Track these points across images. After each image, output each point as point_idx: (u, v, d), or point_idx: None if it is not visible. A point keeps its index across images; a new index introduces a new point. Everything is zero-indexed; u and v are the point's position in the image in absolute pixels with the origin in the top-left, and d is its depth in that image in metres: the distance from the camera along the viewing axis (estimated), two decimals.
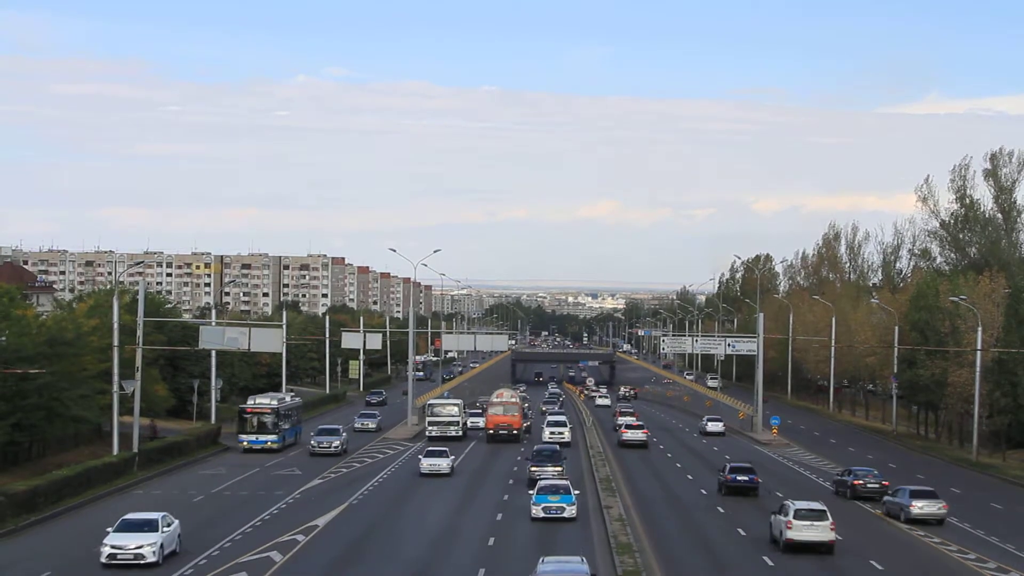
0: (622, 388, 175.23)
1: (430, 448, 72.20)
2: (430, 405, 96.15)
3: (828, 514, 48.22)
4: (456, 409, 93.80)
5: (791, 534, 47.49)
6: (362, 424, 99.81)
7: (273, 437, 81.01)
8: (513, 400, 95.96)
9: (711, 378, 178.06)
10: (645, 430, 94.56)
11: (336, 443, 79.95)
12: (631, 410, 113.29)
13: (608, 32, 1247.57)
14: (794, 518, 47.76)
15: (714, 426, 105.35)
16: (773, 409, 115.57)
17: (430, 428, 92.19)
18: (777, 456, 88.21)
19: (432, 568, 43.81)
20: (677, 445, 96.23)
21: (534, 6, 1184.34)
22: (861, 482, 63.54)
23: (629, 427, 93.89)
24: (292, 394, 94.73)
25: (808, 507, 48.87)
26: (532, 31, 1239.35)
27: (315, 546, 47.04)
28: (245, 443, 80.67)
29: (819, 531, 47.51)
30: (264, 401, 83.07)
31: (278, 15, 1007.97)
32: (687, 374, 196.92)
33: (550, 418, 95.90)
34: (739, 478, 64.61)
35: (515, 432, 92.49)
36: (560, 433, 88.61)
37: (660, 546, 48.21)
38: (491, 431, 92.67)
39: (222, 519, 53.36)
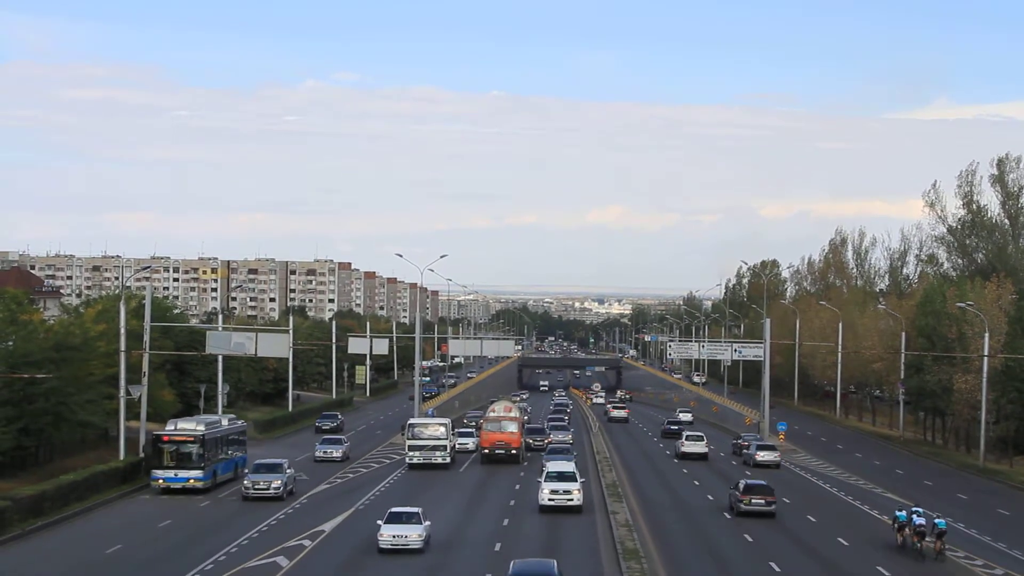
0: (619, 392, 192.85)
1: (394, 510, 49.03)
2: (410, 426, 79.35)
3: (705, 438, 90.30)
4: (443, 429, 78.09)
5: (682, 449, 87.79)
6: (324, 452, 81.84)
7: (197, 473, 63.09)
8: (512, 415, 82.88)
9: (696, 375, 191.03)
10: (627, 410, 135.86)
11: (276, 483, 61.45)
12: (617, 399, 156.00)
13: (616, 38, 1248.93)
14: (685, 440, 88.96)
15: (684, 416, 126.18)
16: (780, 415, 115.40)
17: (411, 454, 76.93)
18: (784, 462, 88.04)
19: (441, 571, 43.78)
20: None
21: (542, 11, 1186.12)
22: (745, 443, 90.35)
23: (615, 408, 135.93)
24: (232, 416, 75.24)
25: (694, 433, 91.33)
26: (540, 36, 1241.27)
27: (322, 551, 47.04)
28: (160, 481, 62.88)
29: (699, 446, 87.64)
30: (188, 426, 64.75)
31: (288, 20, 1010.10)
32: (675, 373, 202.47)
33: (550, 467, 61.38)
34: (671, 427, 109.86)
35: (514, 451, 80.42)
36: (566, 495, 57.53)
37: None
38: (487, 451, 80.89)
39: (229, 523, 53.42)
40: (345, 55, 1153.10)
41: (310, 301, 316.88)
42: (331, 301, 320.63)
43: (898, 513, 50.09)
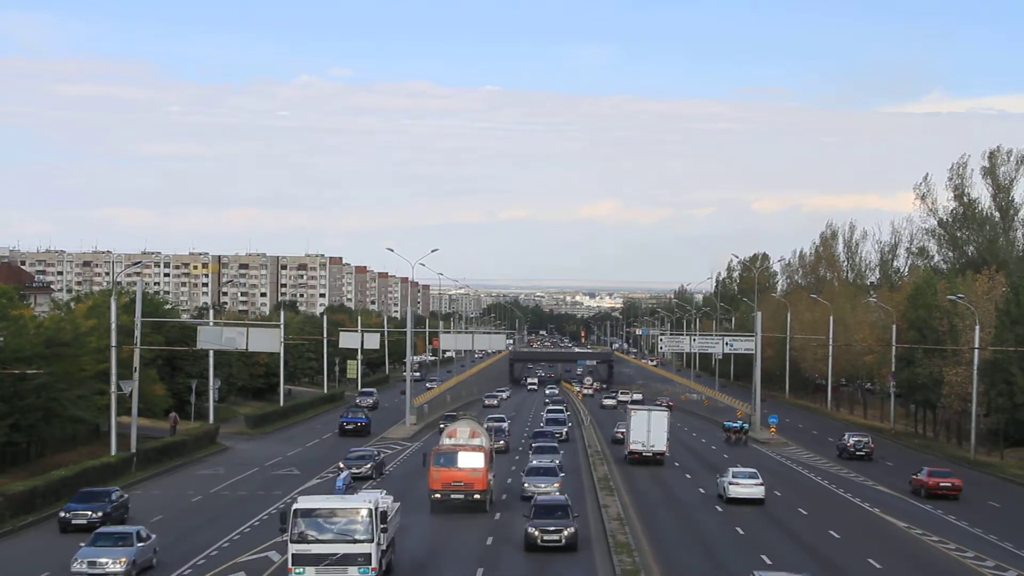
0: (595, 383, 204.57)
1: None
2: (297, 513, 38.51)
3: (643, 401, 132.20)
4: (365, 517, 38.23)
5: (618, 407, 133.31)
6: (90, 563, 41.50)
7: None
8: (474, 443, 58.49)
9: (652, 359, 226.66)
10: (594, 387, 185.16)
11: None
12: (589, 386, 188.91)
13: (611, 32, 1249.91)
14: (629, 404, 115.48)
15: (636, 395, 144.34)
16: (771, 408, 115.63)
17: (297, 570, 37.71)
18: (775, 455, 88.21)
19: (434, 563, 43.76)
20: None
21: (537, 6, 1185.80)
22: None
23: (586, 388, 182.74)
24: None
25: (633, 399, 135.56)
26: (535, 31, 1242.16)
27: None
28: None
29: (617, 403, 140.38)
30: None
31: (282, 15, 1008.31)
32: (654, 361, 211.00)
33: None
34: (612, 396, 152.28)
35: (476, 496, 55.94)
36: None
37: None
38: (437, 495, 56.06)
39: (221, 519, 53.35)
40: (339, 50, 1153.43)
41: (301, 296, 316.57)
42: (322, 296, 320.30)
43: (725, 423, 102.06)
